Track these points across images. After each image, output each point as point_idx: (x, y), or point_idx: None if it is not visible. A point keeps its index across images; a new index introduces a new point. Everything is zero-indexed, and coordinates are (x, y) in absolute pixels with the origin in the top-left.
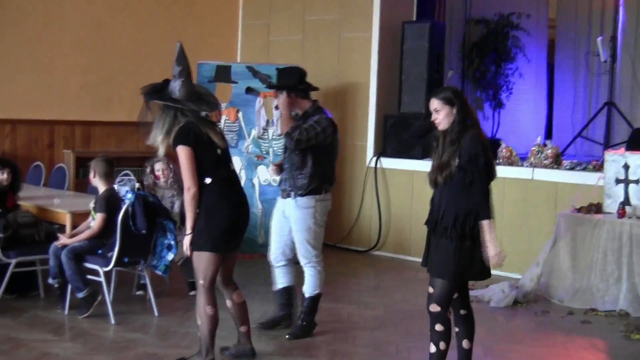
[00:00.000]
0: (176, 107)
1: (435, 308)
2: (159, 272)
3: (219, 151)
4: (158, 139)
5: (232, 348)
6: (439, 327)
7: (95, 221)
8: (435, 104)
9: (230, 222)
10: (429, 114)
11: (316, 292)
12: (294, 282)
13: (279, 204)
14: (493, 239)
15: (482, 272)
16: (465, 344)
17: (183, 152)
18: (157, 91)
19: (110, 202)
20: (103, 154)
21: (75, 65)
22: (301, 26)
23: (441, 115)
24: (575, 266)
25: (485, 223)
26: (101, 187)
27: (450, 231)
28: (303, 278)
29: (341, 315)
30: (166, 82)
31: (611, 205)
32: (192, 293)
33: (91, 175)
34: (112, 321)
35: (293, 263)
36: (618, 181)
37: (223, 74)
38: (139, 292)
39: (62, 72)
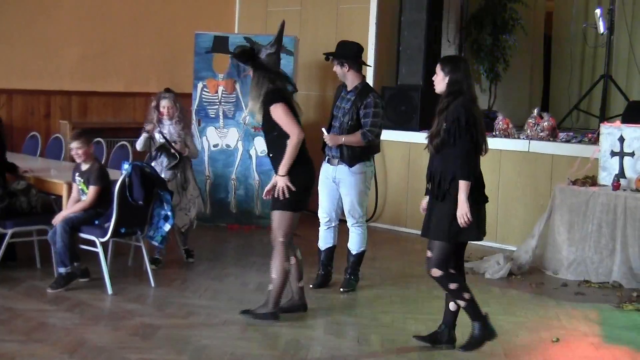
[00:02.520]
0: (270, 75)
1: (436, 272)
2: (155, 243)
3: (299, 117)
4: (256, 107)
5: (286, 303)
6: (453, 286)
7: (90, 194)
8: (437, 67)
9: (310, 182)
10: (426, 85)
11: (362, 249)
12: (337, 242)
13: (326, 169)
14: (463, 200)
15: (478, 233)
16: (452, 306)
17: (280, 108)
18: (251, 57)
19: (105, 175)
20: (101, 124)
21: (73, 36)
22: None
23: (436, 79)
24: (570, 238)
25: (461, 183)
26: (90, 160)
27: (444, 193)
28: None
29: (336, 286)
30: (253, 50)
31: (606, 178)
32: (190, 260)
33: (86, 150)
34: (109, 292)
35: (337, 225)
36: (613, 154)
37: (220, 44)
38: (152, 266)
39: (59, 43)
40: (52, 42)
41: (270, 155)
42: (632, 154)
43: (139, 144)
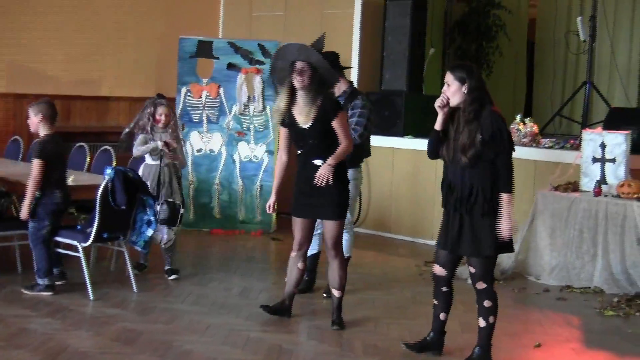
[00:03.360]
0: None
1: (481, 285)
2: (138, 248)
3: None
4: (312, 112)
5: (276, 304)
6: (487, 304)
7: (32, 167)
8: (447, 77)
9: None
10: (410, 91)
11: (348, 254)
12: (321, 248)
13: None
14: (509, 213)
15: (510, 244)
16: (442, 316)
17: (344, 116)
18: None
19: (47, 147)
20: (84, 128)
21: (57, 40)
22: (283, 2)
23: (451, 90)
24: (552, 244)
25: (505, 196)
26: (43, 132)
27: (485, 208)
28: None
29: (320, 291)
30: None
31: (588, 184)
32: (173, 277)
33: (36, 118)
34: (91, 297)
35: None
36: (595, 160)
37: (204, 49)
38: (136, 272)
39: (43, 46)
40: (36, 45)
41: (320, 163)
42: (613, 160)
43: (142, 150)
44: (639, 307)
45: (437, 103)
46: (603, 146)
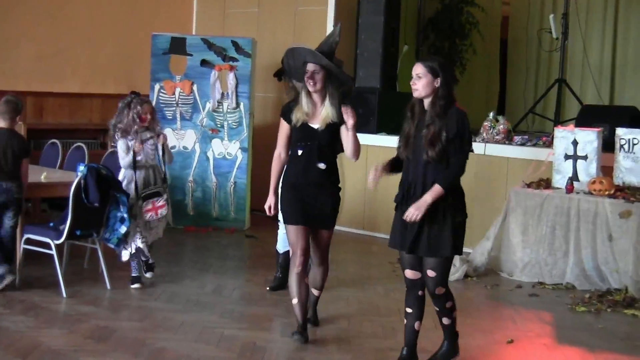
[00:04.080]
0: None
1: (440, 290)
2: (111, 245)
3: None
4: (335, 110)
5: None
6: (449, 304)
7: None
8: (419, 69)
9: None
10: (384, 88)
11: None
12: None
13: None
14: (427, 202)
15: (460, 246)
16: (417, 325)
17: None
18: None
19: None
20: (57, 125)
21: (28, 36)
22: None
23: (421, 82)
24: (524, 240)
25: (437, 188)
26: None
27: (445, 207)
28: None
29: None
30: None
31: (560, 181)
32: (149, 275)
33: None
34: (64, 294)
35: None
36: (567, 157)
37: (178, 46)
38: (148, 274)
39: (14, 42)
40: (7, 41)
41: (323, 166)
42: (585, 157)
43: (128, 161)
44: (610, 303)
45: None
46: (575, 143)
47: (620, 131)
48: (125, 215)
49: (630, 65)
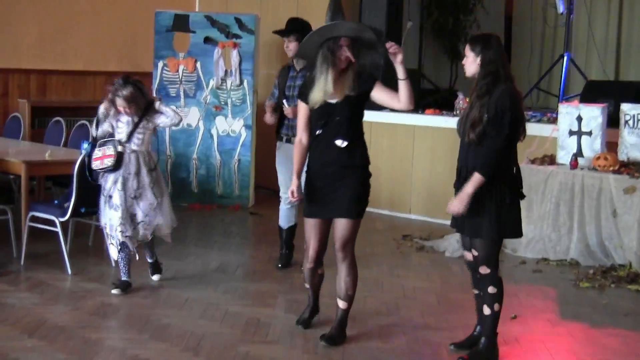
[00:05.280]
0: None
1: (484, 270)
2: None
3: None
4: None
5: (304, 319)
6: (491, 290)
7: None
8: (466, 48)
9: None
10: (387, 64)
11: (292, 223)
12: (297, 220)
13: (285, 149)
14: (468, 194)
15: (519, 229)
16: (485, 309)
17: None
18: None
19: None
20: (60, 103)
21: (32, 14)
22: None
23: (467, 61)
24: (528, 217)
25: (477, 176)
26: None
27: (490, 190)
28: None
29: (297, 265)
30: None
31: (564, 157)
32: (156, 277)
33: None
34: (69, 271)
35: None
36: (571, 133)
37: (181, 23)
38: (154, 277)
39: (18, 20)
40: (11, 20)
41: (344, 143)
42: (589, 133)
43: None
44: (613, 279)
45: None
46: (579, 119)
47: (625, 107)
48: None
49: (635, 41)
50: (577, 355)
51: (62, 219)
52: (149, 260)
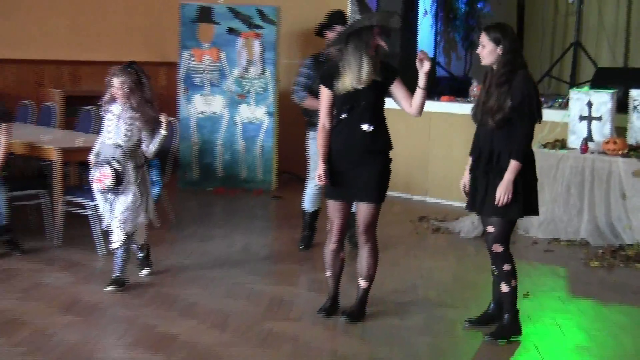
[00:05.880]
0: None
1: (497, 248)
2: None
3: None
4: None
5: (327, 307)
6: (506, 267)
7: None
8: (482, 38)
9: None
10: (404, 52)
11: (315, 208)
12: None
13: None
14: (510, 180)
15: (537, 207)
16: (503, 287)
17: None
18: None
19: None
20: (92, 92)
21: (63, 6)
22: None
23: (485, 51)
24: (540, 199)
25: (514, 163)
26: None
27: (503, 170)
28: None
29: (319, 246)
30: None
31: (575, 142)
32: (144, 273)
33: None
34: (100, 252)
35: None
36: (582, 118)
37: (205, 14)
38: (144, 272)
39: (50, 13)
40: (43, 12)
41: (370, 128)
42: (599, 118)
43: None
44: (622, 258)
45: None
46: (590, 105)
47: (634, 92)
48: (157, 178)
49: None
50: (586, 331)
51: (93, 203)
52: (144, 256)
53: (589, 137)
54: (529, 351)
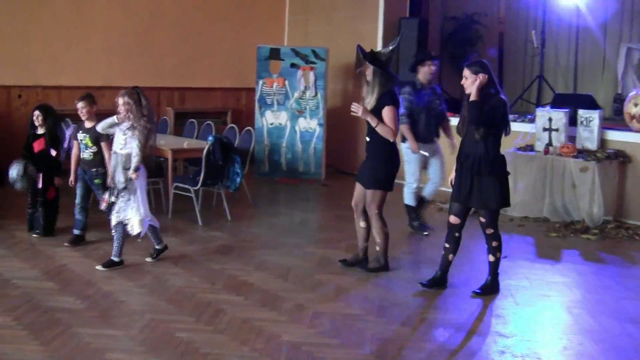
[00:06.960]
0: (388, 78)
1: (489, 231)
2: (231, 190)
3: None
4: (373, 100)
5: (351, 258)
6: (494, 243)
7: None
8: (465, 72)
9: (396, 169)
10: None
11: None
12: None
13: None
14: (475, 94)
15: (507, 201)
16: (450, 257)
17: (392, 111)
18: (373, 60)
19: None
20: (194, 109)
21: (172, 49)
22: (329, 21)
23: (468, 82)
24: (515, 188)
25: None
26: (93, 120)
27: (491, 170)
28: None
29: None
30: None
31: (540, 146)
32: (148, 260)
33: (89, 109)
34: (199, 223)
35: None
36: (545, 129)
37: (275, 53)
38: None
39: (164, 52)
40: (159, 51)
41: (368, 139)
42: (557, 130)
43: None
44: (572, 230)
45: None
46: (550, 120)
47: (581, 112)
48: (239, 171)
49: (587, 65)
50: (546, 280)
51: (194, 188)
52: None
53: (550, 143)
54: (506, 297)
